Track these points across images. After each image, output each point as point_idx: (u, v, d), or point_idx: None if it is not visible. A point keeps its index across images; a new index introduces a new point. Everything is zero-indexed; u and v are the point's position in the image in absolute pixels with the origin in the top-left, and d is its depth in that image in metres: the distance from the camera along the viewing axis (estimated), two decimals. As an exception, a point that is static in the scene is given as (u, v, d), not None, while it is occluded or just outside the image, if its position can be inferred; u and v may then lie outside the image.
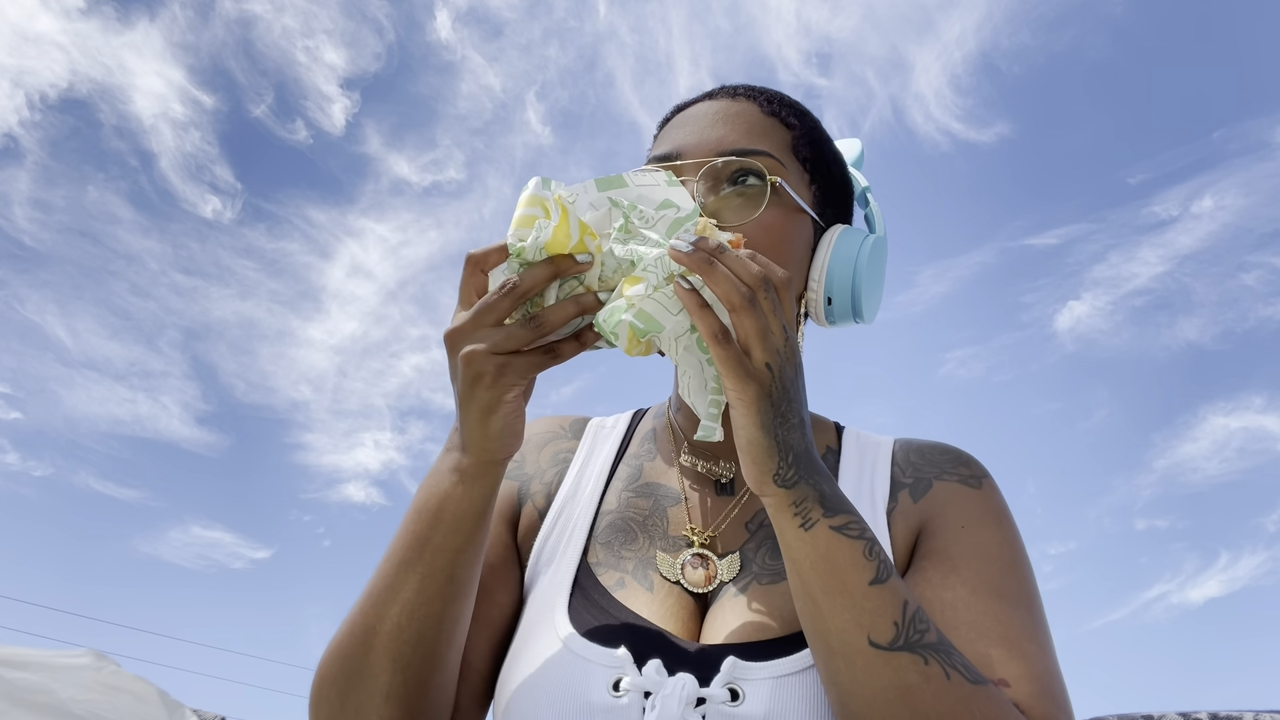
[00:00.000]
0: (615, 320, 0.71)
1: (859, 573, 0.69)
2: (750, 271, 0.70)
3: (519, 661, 0.83)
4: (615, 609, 0.83)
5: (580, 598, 0.85)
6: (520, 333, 0.74)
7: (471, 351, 0.74)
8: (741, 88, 0.98)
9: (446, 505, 0.78)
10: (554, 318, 0.75)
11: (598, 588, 0.86)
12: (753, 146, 0.91)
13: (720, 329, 0.69)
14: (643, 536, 0.91)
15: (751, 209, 0.88)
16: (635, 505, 0.95)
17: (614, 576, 0.87)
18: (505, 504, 0.98)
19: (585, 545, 0.91)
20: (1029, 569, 0.85)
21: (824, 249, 0.93)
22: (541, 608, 0.86)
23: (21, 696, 1.09)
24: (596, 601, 0.84)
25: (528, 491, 0.99)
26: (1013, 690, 0.72)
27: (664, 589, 0.85)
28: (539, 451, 1.04)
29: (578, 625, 0.82)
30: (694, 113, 0.96)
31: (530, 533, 0.96)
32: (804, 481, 0.71)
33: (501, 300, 0.74)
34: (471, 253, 0.77)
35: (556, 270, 0.75)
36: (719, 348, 0.68)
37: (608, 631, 0.81)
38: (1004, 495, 0.92)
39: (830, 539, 0.70)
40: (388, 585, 0.79)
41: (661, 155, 0.93)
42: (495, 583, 0.91)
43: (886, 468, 0.95)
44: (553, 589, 0.87)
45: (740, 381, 0.68)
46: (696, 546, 0.89)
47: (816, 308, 0.94)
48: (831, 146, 1.00)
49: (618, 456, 1.02)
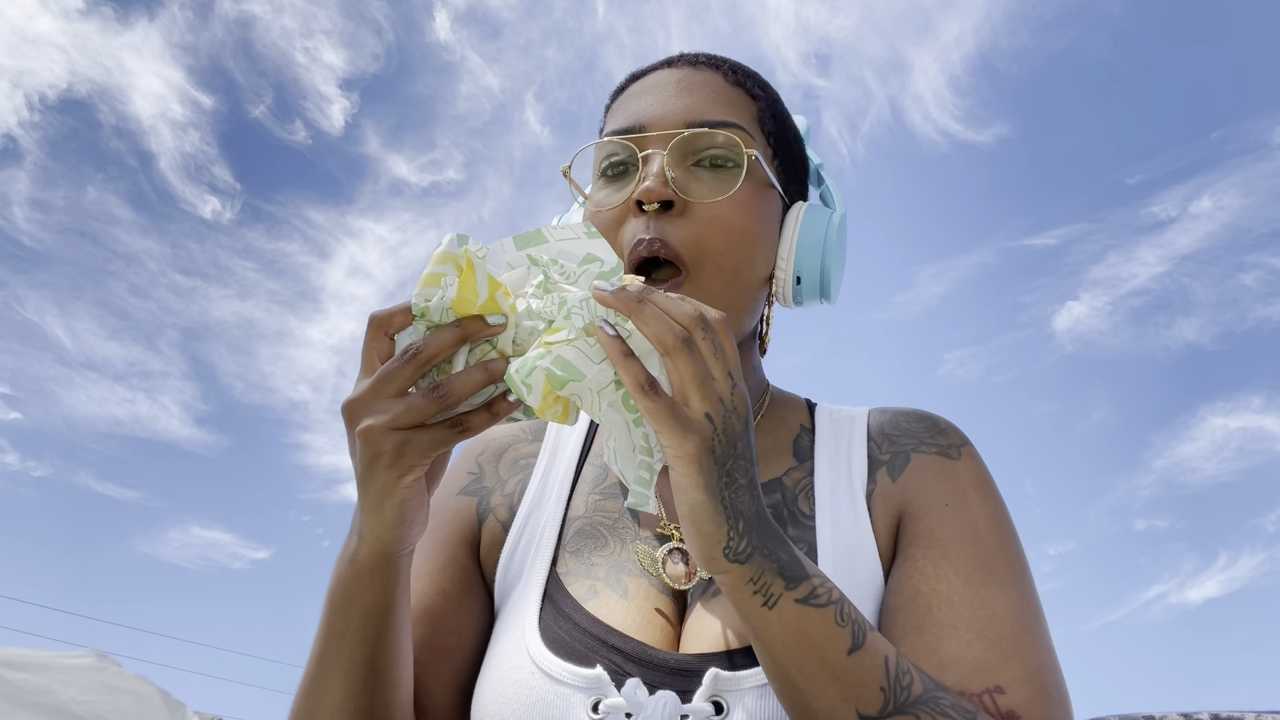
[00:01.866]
0: (529, 369, 0.62)
1: (836, 644, 0.64)
2: (684, 311, 0.63)
3: (491, 685, 0.79)
4: (587, 622, 0.79)
5: (551, 612, 0.81)
6: (423, 404, 0.65)
7: (369, 426, 0.65)
8: (702, 56, 0.93)
9: (351, 599, 0.73)
10: (461, 387, 0.66)
11: (568, 600, 0.82)
12: (722, 118, 0.87)
13: (647, 379, 0.61)
14: (613, 540, 0.86)
15: (725, 185, 0.85)
16: (603, 508, 0.90)
17: (584, 585, 0.83)
18: (463, 524, 0.93)
19: (554, 555, 0.87)
20: (1017, 543, 0.82)
21: (790, 226, 0.90)
22: (511, 626, 0.82)
23: (23, 698, 1.09)
24: (569, 615, 0.80)
25: (488, 506, 0.94)
26: (1008, 696, 0.70)
27: (639, 594, 0.81)
28: (498, 460, 0.98)
29: (550, 643, 0.78)
30: (654, 81, 0.91)
31: (494, 548, 0.91)
32: (759, 553, 0.63)
33: (403, 368, 0.66)
34: (374, 314, 0.69)
35: (464, 334, 0.66)
36: (648, 400, 0.61)
37: (582, 648, 0.77)
38: (984, 461, 0.89)
39: (798, 614, 0.63)
40: (315, 678, 0.75)
41: (622, 128, 0.88)
42: (453, 610, 0.87)
43: (863, 445, 0.91)
44: (522, 605, 0.83)
45: (678, 436, 0.61)
46: (675, 540, 0.85)
47: (785, 288, 0.90)
48: (791, 121, 0.97)
49: (582, 456, 0.96)
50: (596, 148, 0.93)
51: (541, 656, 0.77)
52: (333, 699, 0.74)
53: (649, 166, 0.85)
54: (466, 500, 0.95)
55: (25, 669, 1.24)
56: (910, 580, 0.79)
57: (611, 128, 0.91)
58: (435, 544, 0.91)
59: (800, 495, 0.88)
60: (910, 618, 0.76)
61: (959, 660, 0.72)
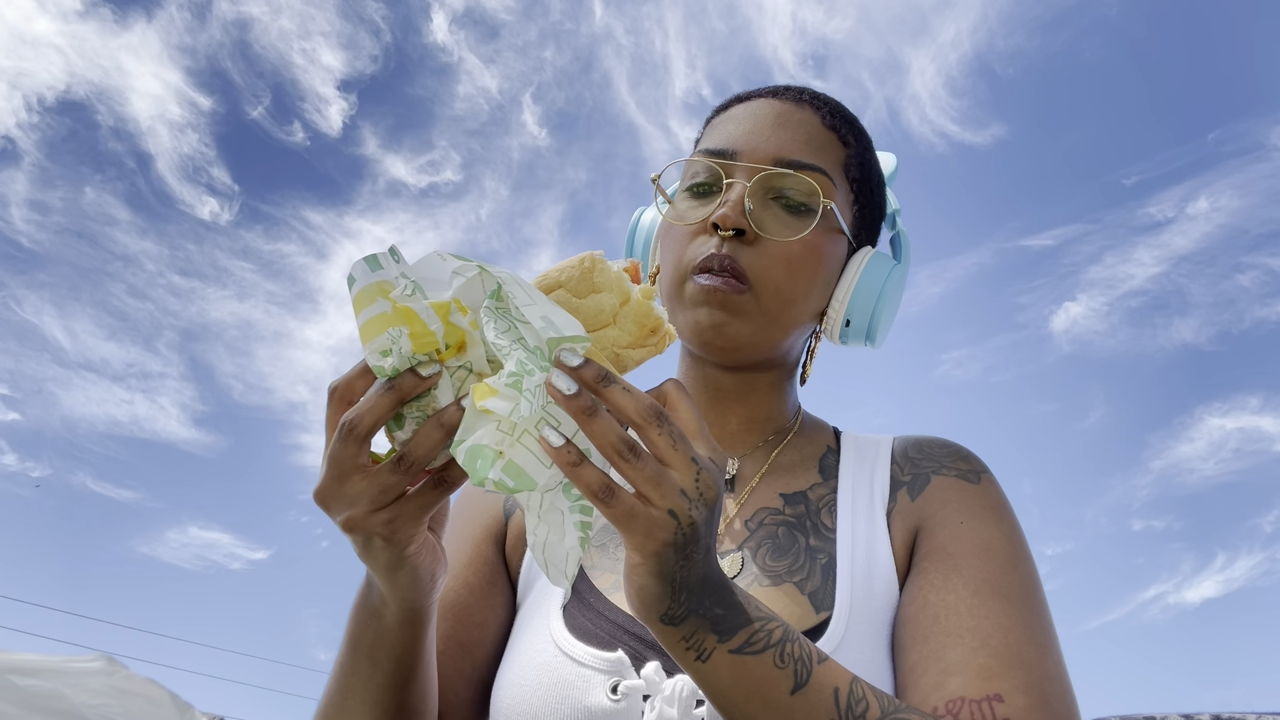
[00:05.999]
0: (482, 474, 0.57)
1: (776, 686, 0.64)
2: (637, 408, 0.59)
3: (514, 667, 0.83)
4: (611, 612, 0.82)
5: (575, 602, 0.85)
6: (393, 479, 0.62)
7: (349, 518, 0.63)
8: (806, 92, 0.97)
9: (378, 649, 0.74)
10: (420, 451, 0.62)
11: (592, 591, 0.85)
12: (810, 161, 0.90)
13: (602, 486, 0.58)
14: None
15: (798, 226, 0.89)
16: None
17: (609, 579, 0.86)
18: (489, 519, 0.97)
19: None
20: (1031, 565, 0.84)
21: (852, 271, 0.94)
22: (535, 614, 0.86)
23: (35, 704, 1.10)
24: (592, 605, 0.84)
25: (515, 501, 0.96)
26: (1006, 705, 0.71)
27: None
28: None
29: (573, 629, 0.81)
30: (754, 109, 0.95)
31: (522, 542, 0.95)
32: (693, 614, 0.63)
33: (346, 447, 0.62)
34: (333, 385, 0.65)
35: (400, 395, 0.61)
36: (606, 508, 0.58)
37: (604, 635, 0.80)
38: (1004, 490, 0.91)
39: (733, 664, 0.64)
40: (341, 712, 0.77)
41: (716, 150, 0.92)
42: (478, 604, 0.90)
43: (886, 467, 0.93)
44: (547, 596, 0.87)
45: (639, 537, 0.59)
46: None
47: (834, 326, 0.95)
48: (878, 168, 1.00)
49: None
50: (687, 163, 0.97)
51: (565, 641, 0.80)
52: None
53: (730, 193, 0.89)
54: (494, 495, 0.97)
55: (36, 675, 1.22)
56: (921, 592, 0.80)
57: (705, 146, 0.95)
58: (461, 539, 0.95)
59: (823, 509, 0.91)
60: (918, 627, 0.78)
61: (962, 667, 0.73)
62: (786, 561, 0.85)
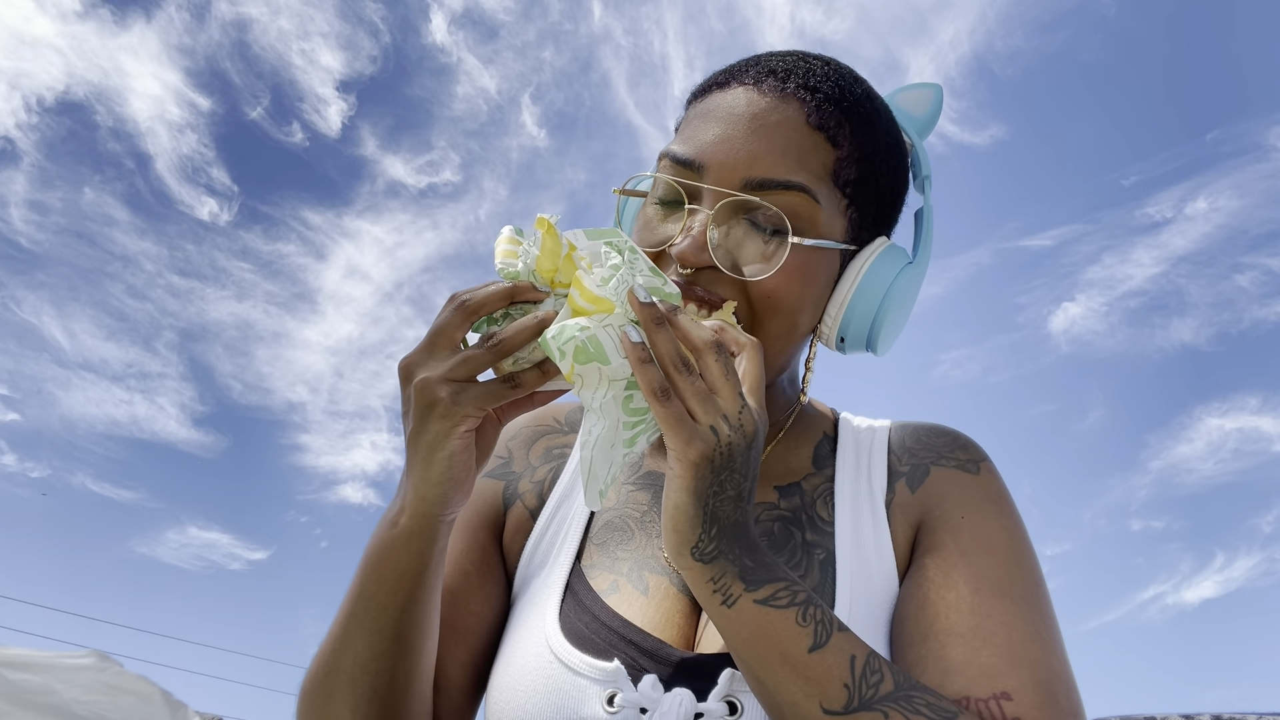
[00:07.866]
0: (566, 337, 0.65)
1: (795, 642, 0.66)
2: (699, 336, 0.66)
3: (509, 669, 0.81)
4: (607, 616, 0.80)
5: (572, 604, 0.83)
6: (478, 356, 0.69)
7: (425, 379, 0.69)
8: (793, 81, 0.84)
9: (385, 562, 0.75)
10: (515, 338, 0.68)
11: (590, 593, 0.83)
12: (784, 178, 0.80)
13: (661, 386, 0.65)
14: (640, 534, 0.87)
15: (773, 252, 0.80)
16: (635, 499, 0.91)
17: (607, 580, 0.84)
18: (488, 507, 0.94)
19: (580, 546, 0.88)
20: (1033, 559, 0.82)
21: (848, 282, 0.86)
22: (531, 614, 0.84)
23: (25, 698, 1.09)
24: (589, 608, 0.81)
25: (515, 491, 0.95)
26: (1014, 703, 0.69)
27: (660, 591, 0.82)
28: (529, 447, 0.99)
29: (569, 634, 0.80)
30: (729, 105, 0.84)
31: (520, 534, 0.93)
32: (723, 556, 0.66)
33: (451, 317, 0.70)
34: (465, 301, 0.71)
35: (513, 292, 0.70)
36: (660, 405, 0.64)
37: (601, 642, 0.78)
38: (1002, 478, 0.89)
39: (756, 613, 0.66)
40: (340, 636, 0.77)
41: (683, 159, 0.83)
42: (474, 592, 0.89)
43: (883, 456, 0.91)
44: (543, 595, 0.85)
45: (682, 442, 0.64)
46: None
47: (828, 339, 0.89)
48: (887, 151, 0.89)
49: None
50: (657, 165, 0.87)
51: (560, 647, 0.79)
52: (355, 658, 0.76)
53: (692, 221, 0.81)
54: (493, 484, 0.96)
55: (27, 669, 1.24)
56: (921, 589, 0.79)
57: (675, 149, 0.85)
58: (459, 525, 0.92)
59: (819, 501, 0.88)
60: (919, 625, 0.76)
61: (965, 666, 0.72)
62: (782, 559, 0.83)
